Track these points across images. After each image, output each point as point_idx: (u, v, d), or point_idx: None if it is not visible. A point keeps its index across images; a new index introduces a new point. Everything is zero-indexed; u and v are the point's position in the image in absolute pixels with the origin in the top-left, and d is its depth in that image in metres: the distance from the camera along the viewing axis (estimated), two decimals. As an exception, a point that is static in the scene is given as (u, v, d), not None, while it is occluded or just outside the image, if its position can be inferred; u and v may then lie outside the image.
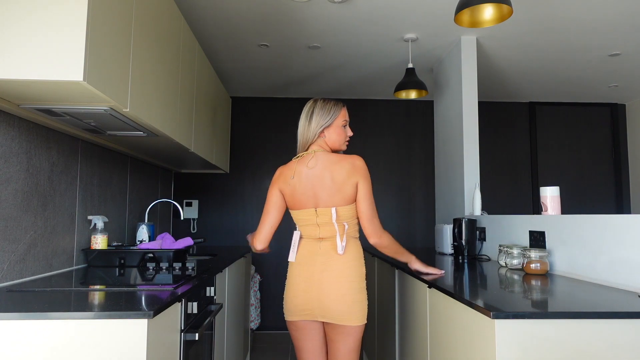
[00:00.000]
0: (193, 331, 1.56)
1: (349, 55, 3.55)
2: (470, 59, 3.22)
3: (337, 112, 1.82)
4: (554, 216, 2.04)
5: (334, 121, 1.81)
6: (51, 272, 1.92)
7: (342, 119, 1.82)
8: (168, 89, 2.19)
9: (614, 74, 3.98)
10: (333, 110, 1.81)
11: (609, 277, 1.67)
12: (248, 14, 2.85)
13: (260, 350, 3.84)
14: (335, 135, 1.82)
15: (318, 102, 1.82)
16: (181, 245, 2.36)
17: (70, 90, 1.43)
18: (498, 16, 2.16)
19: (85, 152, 2.24)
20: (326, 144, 1.82)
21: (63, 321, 1.17)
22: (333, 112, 1.81)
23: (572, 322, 1.20)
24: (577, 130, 4.84)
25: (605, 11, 2.81)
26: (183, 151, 2.73)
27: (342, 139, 1.84)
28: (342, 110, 1.83)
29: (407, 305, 2.13)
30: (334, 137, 1.82)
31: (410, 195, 4.67)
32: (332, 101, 1.83)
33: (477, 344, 1.31)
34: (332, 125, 1.81)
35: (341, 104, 1.84)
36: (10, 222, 1.65)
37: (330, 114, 1.81)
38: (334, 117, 1.81)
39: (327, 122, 1.80)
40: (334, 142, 1.82)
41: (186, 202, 4.48)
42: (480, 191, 2.94)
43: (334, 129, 1.82)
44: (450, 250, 2.80)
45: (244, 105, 4.60)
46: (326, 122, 1.80)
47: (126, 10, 1.66)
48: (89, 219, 2.25)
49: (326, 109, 1.81)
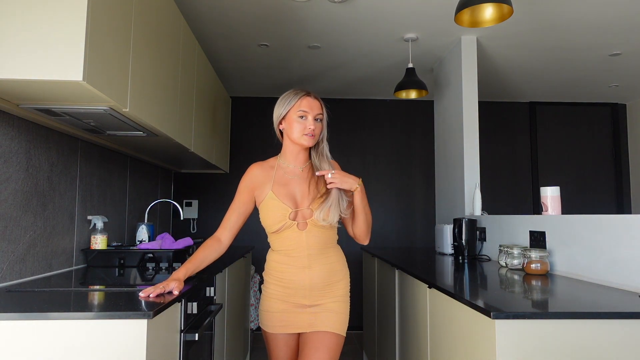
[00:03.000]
0: (193, 331, 1.56)
1: (349, 55, 3.55)
2: (470, 59, 3.22)
3: (293, 101, 1.61)
4: (554, 216, 2.03)
5: (289, 111, 1.62)
6: (51, 272, 1.92)
7: (298, 109, 1.60)
8: (168, 89, 2.19)
9: (614, 74, 3.98)
10: (289, 99, 1.62)
11: (609, 277, 1.66)
12: (248, 14, 2.85)
13: (260, 350, 3.84)
14: (290, 129, 1.62)
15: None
16: (181, 245, 2.36)
17: (70, 90, 1.43)
18: (498, 16, 2.16)
19: (84, 152, 2.24)
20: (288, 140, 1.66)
21: (63, 321, 1.16)
22: (288, 101, 1.62)
23: (572, 322, 1.20)
24: (577, 130, 4.84)
25: (606, 11, 2.81)
26: (183, 151, 2.73)
27: (297, 132, 1.60)
28: (299, 99, 1.61)
29: (407, 305, 2.13)
30: (291, 130, 1.62)
31: (410, 195, 4.66)
32: (293, 91, 1.64)
33: (477, 344, 1.31)
34: (286, 117, 1.63)
35: (303, 92, 1.63)
36: (10, 222, 1.65)
37: (285, 104, 1.63)
38: (288, 106, 1.62)
39: (281, 114, 1.63)
40: (292, 135, 1.62)
41: (186, 202, 4.48)
42: (480, 191, 2.94)
43: (288, 120, 1.62)
44: (451, 251, 2.79)
45: (244, 105, 4.60)
46: (280, 113, 1.64)
47: (126, 11, 1.66)
48: (88, 219, 2.25)
49: (282, 99, 1.64)
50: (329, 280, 1.63)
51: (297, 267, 1.61)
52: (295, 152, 1.67)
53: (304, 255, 1.61)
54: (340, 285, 1.66)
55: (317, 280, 1.61)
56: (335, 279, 1.65)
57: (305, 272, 1.61)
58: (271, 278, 1.67)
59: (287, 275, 1.62)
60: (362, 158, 4.64)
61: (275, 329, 1.64)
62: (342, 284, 1.67)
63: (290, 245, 1.62)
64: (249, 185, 1.66)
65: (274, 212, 1.60)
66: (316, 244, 1.61)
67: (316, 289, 1.61)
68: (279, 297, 1.64)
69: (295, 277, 1.61)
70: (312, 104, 1.62)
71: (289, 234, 1.61)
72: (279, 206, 1.60)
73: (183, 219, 3.92)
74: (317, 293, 1.61)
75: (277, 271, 1.65)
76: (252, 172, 1.67)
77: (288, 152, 1.68)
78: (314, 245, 1.61)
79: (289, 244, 1.62)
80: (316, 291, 1.61)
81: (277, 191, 1.62)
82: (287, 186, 1.64)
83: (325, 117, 1.67)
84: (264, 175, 1.66)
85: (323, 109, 1.66)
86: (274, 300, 1.65)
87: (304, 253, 1.61)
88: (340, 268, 1.68)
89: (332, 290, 1.64)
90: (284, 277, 1.63)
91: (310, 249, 1.61)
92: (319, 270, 1.61)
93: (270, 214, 1.60)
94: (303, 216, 1.61)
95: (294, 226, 1.61)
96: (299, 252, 1.61)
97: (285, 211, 1.59)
